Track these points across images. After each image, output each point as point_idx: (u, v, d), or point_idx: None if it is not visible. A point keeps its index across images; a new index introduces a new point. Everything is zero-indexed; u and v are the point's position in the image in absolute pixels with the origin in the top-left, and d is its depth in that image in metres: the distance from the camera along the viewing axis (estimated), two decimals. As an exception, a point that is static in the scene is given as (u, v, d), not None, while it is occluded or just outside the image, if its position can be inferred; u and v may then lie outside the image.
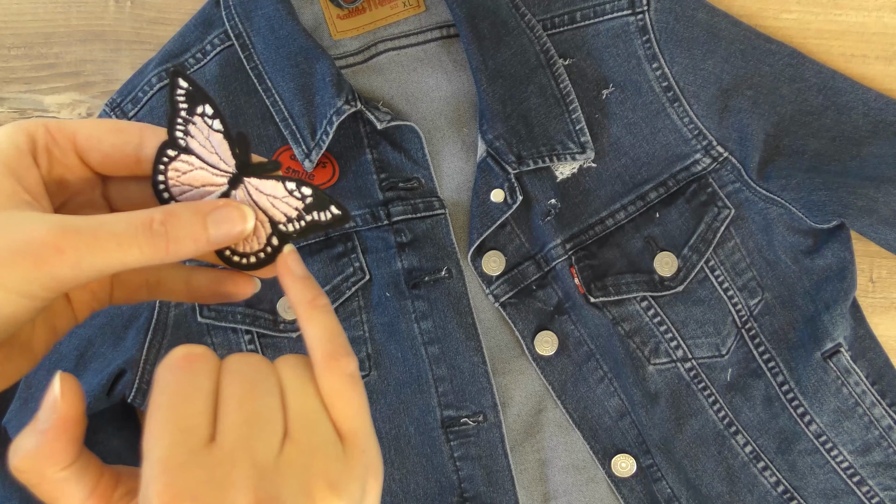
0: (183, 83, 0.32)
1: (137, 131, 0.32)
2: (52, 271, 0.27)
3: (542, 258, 0.62)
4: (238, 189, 0.33)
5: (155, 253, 0.29)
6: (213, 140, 0.33)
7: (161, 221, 0.29)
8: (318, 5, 0.62)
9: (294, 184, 0.33)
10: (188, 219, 0.30)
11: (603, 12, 0.61)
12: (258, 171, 0.33)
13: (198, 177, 0.33)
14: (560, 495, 0.62)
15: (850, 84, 0.62)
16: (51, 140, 0.31)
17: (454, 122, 0.63)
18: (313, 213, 0.33)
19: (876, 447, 0.60)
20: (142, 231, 0.28)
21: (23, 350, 0.32)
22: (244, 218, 0.31)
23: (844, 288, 0.60)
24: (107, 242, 0.28)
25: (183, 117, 0.33)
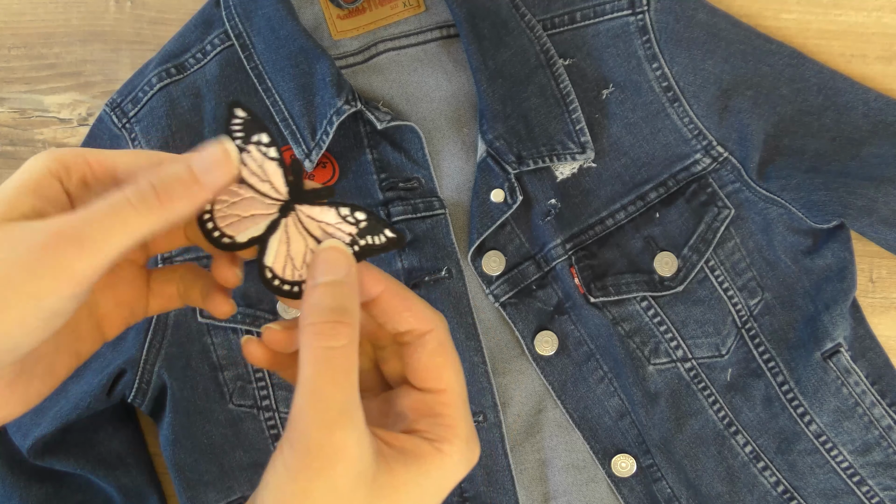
0: (241, 113, 0.32)
1: None
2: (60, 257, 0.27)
3: (542, 258, 0.62)
4: (289, 216, 0.33)
5: (151, 210, 0.28)
6: (267, 168, 0.33)
7: (147, 180, 0.29)
8: (318, 5, 0.62)
9: (347, 209, 0.33)
10: (173, 170, 0.29)
11: (603, 12, 0.61)
12: (311, 198, 0.33)
13: (247, 206, 0.33)
14: (560, 495, 0.62)
15: (850, 84, 0.62)
16: (88, 171, 0.31)
17: (454, 122, 0.63)
18: (367, 237, 0.33)
19: (876, 447, 0.60)
20: (132, 193, 0.28)
21: (45, 374, 0.32)
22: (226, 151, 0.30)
23: (844, 288, 0.60)
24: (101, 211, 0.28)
25: (237, 146, 0.32)
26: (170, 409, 0.60)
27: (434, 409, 0.31)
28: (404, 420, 0.32)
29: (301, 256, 0.33)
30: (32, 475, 0.61)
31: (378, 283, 0.33)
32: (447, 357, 0.31)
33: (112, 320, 0.35)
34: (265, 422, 0.61)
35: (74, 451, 0.61)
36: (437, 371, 0.31)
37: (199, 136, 0.61)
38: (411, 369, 0.32)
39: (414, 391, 0.32)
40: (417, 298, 0.33)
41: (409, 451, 0.30)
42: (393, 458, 0.29)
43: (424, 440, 0.30)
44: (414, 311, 0.32)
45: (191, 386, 0.61)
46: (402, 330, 0.32)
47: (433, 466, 0.30)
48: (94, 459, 0.61)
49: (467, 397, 0.33)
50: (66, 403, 0.59)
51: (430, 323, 0.32)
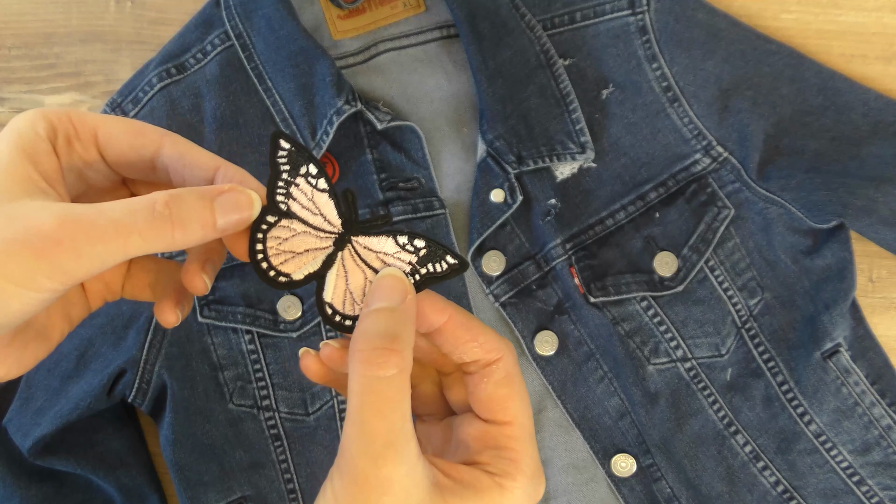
0: (285, 144, 0.31)
1: (158, 138, 0.31)
2: (54, 262, 0.26)
3: (542, 258, 0.62)
4: (345, 249, 0.32)
5: (158, 239, 0.27)
6: (318, 200, 0.32)
7: (165, 203, 0.27)
8: (318, 5, 0.62)
9: (406, 237, 0.32)
10: (194, 202, 0.28)
11: (603, 12, 0.61)
12: (367, 228, 0.32)
13: (301, 241, 0.32)
14: (560, 495, 0.62)
15: (850, 84, 0.62)
16: (72, 131, 0.30)
17: (454, 122, 0.63)
18: (428, 265, 0.32)
19: (875, 447, 0.60)
20: (143, 217, 0.27)
21: (39, 338, 0.32)
22: (251, 203, 0.29)
23: (844, 288, 0.60)
24: (105, 231, 0.26)
25: (285, 180, 0.31)
26: (170, 409, 0.60)
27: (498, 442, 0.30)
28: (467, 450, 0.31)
29: (360, 289, 0.32)
30: (32, 475, 0.61)
31: (442, 313, 0.31)
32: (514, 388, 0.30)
33: (93, 293, 0.34)
34: (265, 422, 0.61)
35: (74, 451, 0.61)
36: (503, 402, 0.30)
37: (199, 137, 0.61)
38: (476, 399, 0.31)
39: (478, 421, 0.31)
40: (484, 327, 0.32)
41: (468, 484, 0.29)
42: (450, 491, 0.28)
43: (486, 474, 0.29)
44: (480, 342, 0.31)
45: (191, 386, 0.61)
46: (468, 360, 0.31)
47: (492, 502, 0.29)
48: (94, 459, 0.61)
49: (534, 432, 0.31)
50: (67, 403, 0.59)
51: (498, 352, 0.31)
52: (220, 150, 0.61)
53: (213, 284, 0.60)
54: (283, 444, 0.61)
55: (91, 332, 0.60)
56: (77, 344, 0.60)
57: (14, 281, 0.26)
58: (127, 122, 0.31)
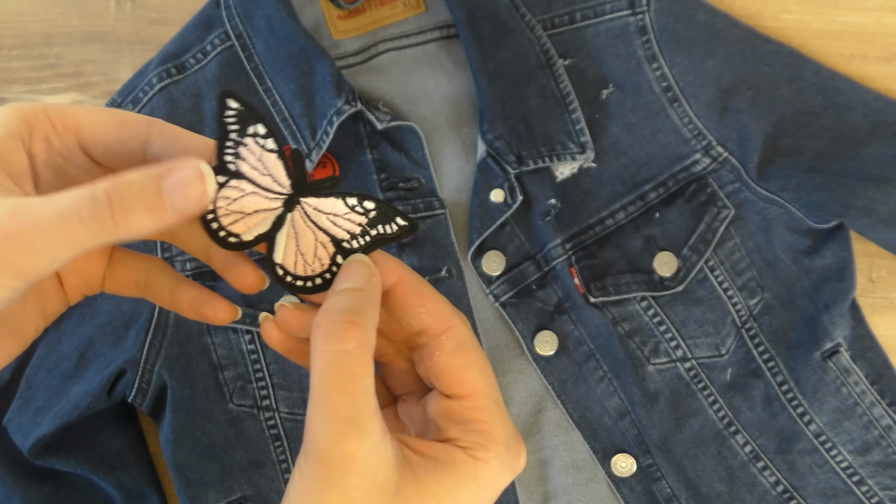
0: (233, 103, 0.31)
1: (144, 127, 0.30)
2: (4, 258, 0.25)
3: (542, 258, 0.62)
4: (295, 210, 0.32)
5: (102, 228, 0.25)
6: (266, 161, 0.31)
7: (104, 190, 0.25)
8: (318, 6, 0.62)
9: (355, 199, 0.32)
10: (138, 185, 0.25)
11: (603, 12, 0.61)
12: (316, 190, 0.32)
13: (250, 202, 0.31)
14: (560, 495, 0.62)
15: (850, 84, 0.62)
16: (49, 128, 0.29)
17: (454, 123, 0.63)
18: (378, 226, 0.32)
19: (875, 447, 0.60)
20: (84, 203, 0.25)
21: (12, 334, 0.31)
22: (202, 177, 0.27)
23: (844, 288, 0.60)
24: (51, 222, 0.25)
25: (233, 140, 0.31)
26: (170, 409, 0.60)
27: (463, 416, 0.29)
28: (437, 428, 0.30)
29: (311, 251, 0.32)
30: (32, 475, 0.61)
31: (393, 274, 0.31)
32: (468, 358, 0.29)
33: (70, 287, 0.33)
34: (265, 422, 0.61)
35: (75, 451, 0.61)
36: (458, 374, 0.29)
37: (199, 136, 0.61)
38: (432, 373, 0.30)
39: (441, 396, 0.30)
40: (435, 294, 0.31)
41: (441, 460, 0.28)
42: (422, 468, 0.28)
43: (459, 448, 0.29)
44: (429, 308, 0.30)
45: (191, 386, 0.61)
46: (417, 328, 0.30)
47: (467, 476, 0.28)
48: (94, 459, 0.61)
49: (500, 398, 0.30)
50: (67, 403, 0.59)
51: (447, 322, 0.30)
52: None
53: (213, 284, 0.61)
54: (283, 444, 0.61)
55: (91, 332, 0.61)
56: (77, 344, 0.60)
57: None
58: (110, 112, 0.30)
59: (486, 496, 0.29)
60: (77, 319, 0.61)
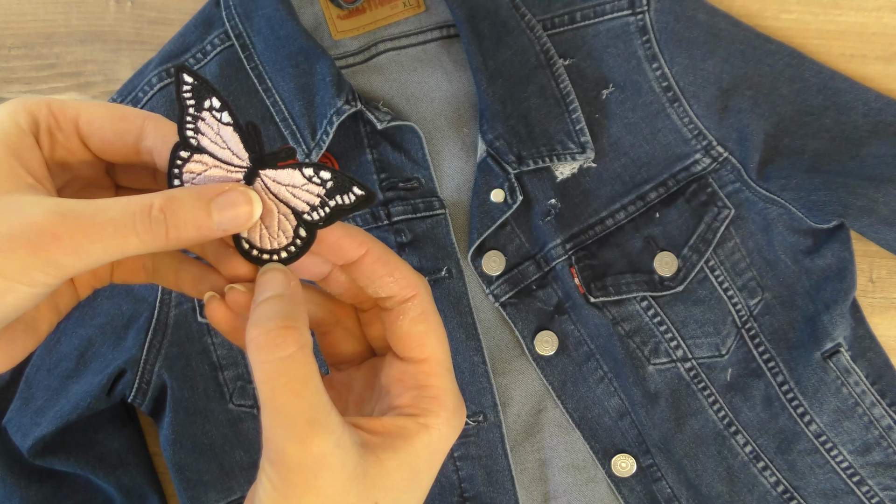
0: (188, 78, 0.31)
1: (140, 121, 0.31)
2: (51, 258, 0.26)
3: (542, 258, 0.62)
4: (255, 183, 0.32)
5: (154, 240, 0.27)
6: (224, 134, 0.31)
7: (160, 208, 0.27)
8: (318, 5, 0.62)
9: (311, 169, 0.32)
10: (190, 204, 0.28)
11: (603, 12, 0.61)
12: (273, 162, 0.32)
13: (213, 175, 0.31)
14: (560, 495, 0.62)
15: (850, 84, 0.62)
16: (53, 122, 0.30)
17: (454, 122, 0.63)
18: (336, 197, 0.31)
19: (876, 447, 0.60)
20: (139, 218, 0.27)
21: (27, 330, 0.32)
22: (250, 202, 0.29)
23: (844, 288, 0.60)
24: (104, 230, 0.26)
25: (192, 114, 0.31)
26: (170, 409, 0.60)
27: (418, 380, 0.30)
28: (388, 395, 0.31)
29: (274, 223, 0.32)
30: (32, 475, 0.61)
31: (360, 246, 0.31)
32: (430, 324, 0.30)
33: (80, 281, 0.34)
34: (265, 422, 0.61)
35: (75, 451, 0.61)
36: (419, 339, 0.30)
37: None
38: (394, 337, 0.31)
39: (398, 361, 0.31)
40: (401, 262, 0.31)
41: (395, 434, 0.29)
42: (380, 447, 0.28)
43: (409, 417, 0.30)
44: (396, 276, 0.31)
45: (191, 386, 0.61)
46: (384, 295, 0.31)
47: (421, 444, 0.29)
48: (94, 459, 0.61)
49: (451, 366, 0.31)
50: (67, 403, 0.59)
51: (413, 289, 0.31)
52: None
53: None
54: (283, 444, 0.61)
55: (91, 332, 0.61)
56: (77, 344, 0.60)
57: (8, 276, 0.26)
58: (108, 107, 0.31)
59: (437, 458, 0.30)
60: (77, 319, 0.61)
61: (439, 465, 0.30)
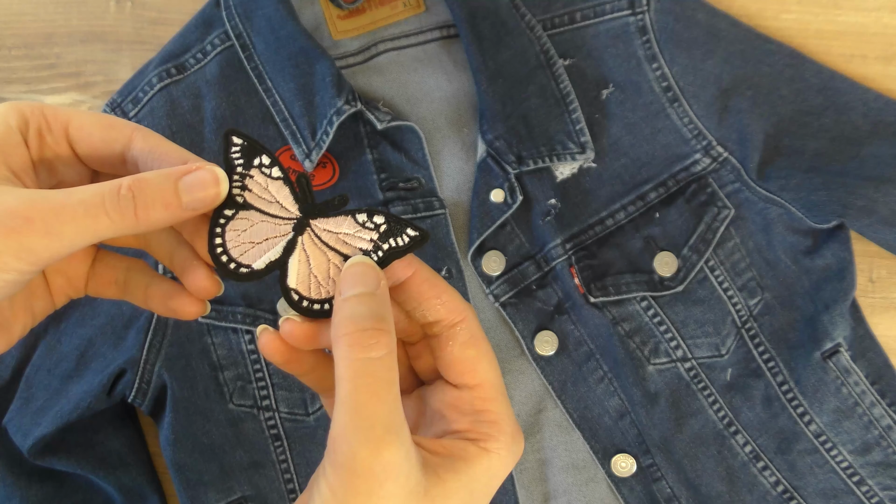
0: (237, 139, 0.31)
1: (129, 132, 0.31)
2: (24, 241, 0.26)
3: (542, 258, 0.62)
4: (305, 234, 0.32)
5: (124, 220, 0.28)
6: (273, 189, 0.31)
7: (128, 187, 0.28)
8: (318, 5, 0.62)
9: (364, 215, 0.32)
10: (158, 183, 0.28)
11: (603, 12, 0.61)
12: (325, 211, 0.32)
13: (259, 231, 0.32)
14: (560, 495, 0.62)
15: (850, 84, 0.62)
16: (44, 124, 0.30)
17: (454, 123, 0.63)
18: (389, 240, 0.31)
19: (875, 447, 0.60)
20: (109, 198, 0.27)
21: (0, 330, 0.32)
22: (217, 182, 0.29)
23: (844, 288, 0.60)
24: (75, 210, 0.27)
25: (239, 173, 0.31)
26: (170, 409, 0.60)
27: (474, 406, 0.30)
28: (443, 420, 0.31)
29: (325, 272, 0.32)
30: (32, 475, 0.61)
31: (409, 267, 0.31)
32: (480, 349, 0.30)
33: (55, 287, 0.34)
34: (265, 422, 0.61)
35: (75, 451, 0.61)
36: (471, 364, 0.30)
37: (199, 136, 0.61)
38: (444, 363, 0.31)
39: (450, 387, 0.31)
40: (448, 286, 0.31)
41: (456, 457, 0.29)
42: (441, 468, 0.28)
43: (469, 442, 0.29)
44: (444, 299, 0.30)
45: (191, 386, 0.61)
46: (431, 319, 0.31)
47: (481, 469, 0.29)
48: (94, 459, 0.61)
49: (506, 391, 0.31)
50: (67, 403, 0.59)
51: (461, 313, 0.30)
52: (220, 150, 0.61)
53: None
54: (283, 444, 0.61)
55: (91, 332, 0.61)
56: (77, 344, 0.60)
57: None
58: (98, 115, 0.31)
59: (495, 484, 0.30)
60: (77, 319, 0.61)
61: (495, 490, 0.30)
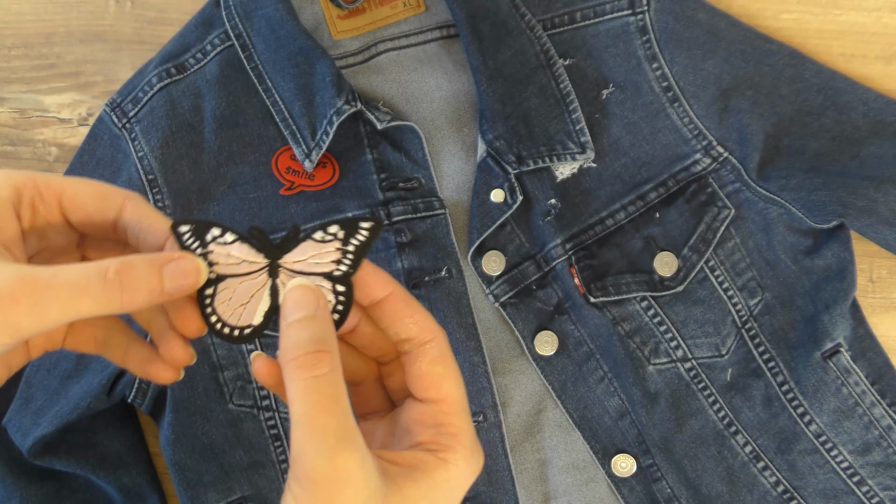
0: (183, 227, 0.33)
1: (121, 200, 0.32)
2: (10, 320, 0.28)
3: (542, 258, 0.62)
4: (280, 275, 0.33)
5: (109, 303, 0.29)
6: (235, 251, 0.33)
7: (116, 271, 0.29)
8: (318, 5, 0.62)
9: (320, 232, 0.33)
10: (144, 270, 0.30)
11: (603, 12, 0.61)
12: (286, 247, 0.33)
13: (242, 292, 0.33)
14: (560, 495, 0.62)
15: (850, 84, 0.62)
16: (37, 195, 0.31)
17: (454, 122, 0.63)
18: (351, 241, 0.33)
19: (876, 447, 0.60)
20: (95, 281, 0.28)
21: None
22: (197, 270, 0.31)
23: (844, 288, 0.60)
24: (60, 292, 0.28)
25: (201, 254, 0.33)
26: (170, 409, 0.60)
27: (437, 419, 0.32)
28: (409, 434, 0.32)
29: None
30: (32, 475, 0.61)
31: (386, 286, 0.33)
32: (447, 367, 0.32)
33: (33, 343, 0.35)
34: (265, 422, 0.61)
35: (75, 451, 0.61)
36: (437, 380, 0.32)
37: (199, 136, 0.61)
38: (412, 378, 0.32)
39: (417, 403, 0.33)
40: (421, 307, 0.33)
41: (415, 467, 0.30)
42: (401, 476, 0.30)
43: (429, 453, 0.31)
44: (416, 319, 0.32)
45: (191, 386, 0.61)
46: (404, 337, 0.33)
47: (441, 479, 0.30)
48: (94, 459, 0.61)
49: (468, 408, 0.33)
50: (67, 404, 0.59)
51: (432, 333, 0.32)
52: (219, 150, 0.61)
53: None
54: (283, 444, 0.61)
55: (91, 332, 0.60)
56: (77, 344, 0.60)
57: None
58: (92, 184, 0.32)
59: (456, 496, 0.31)
60: (77, 319, 0.61)
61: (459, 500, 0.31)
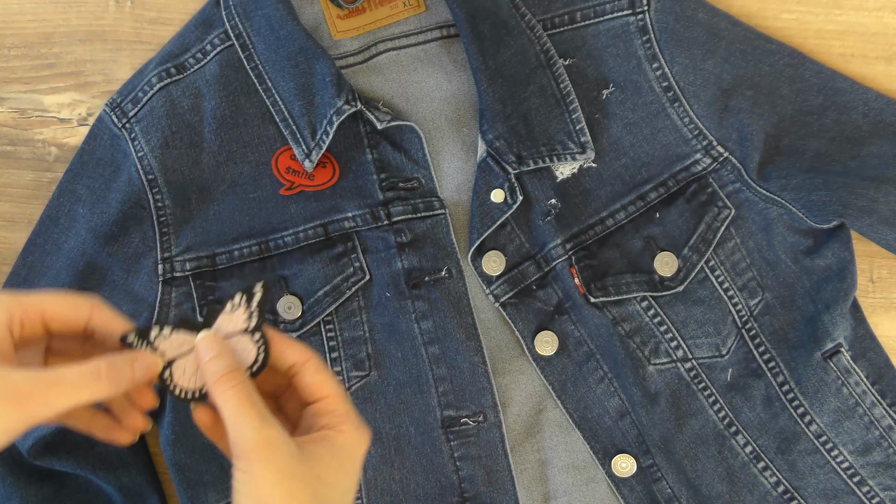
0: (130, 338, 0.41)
1: (88, 309, 0.42)
2: (27, 411, 0.37)
3: (542, 258, 0.62)
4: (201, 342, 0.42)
5: (101, 392, 0.39)
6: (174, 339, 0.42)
7: (105, 370, 0.39)
8: (318, 5, 0.62)
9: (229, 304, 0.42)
10: (123, 367, 0.40)
11: (603, 12, 0.61)
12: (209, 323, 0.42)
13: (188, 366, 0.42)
14: (560, 495, 0.62)
15: (850, 84, 0.62)
16: (25, 315, 0.40)
17: (454, 122, 0.63)
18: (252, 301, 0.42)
19: (876, 447, 0.60)
20: (91, 378, 0.39)
21: None
22: (155, 363, 0.41)
23: (844, 288, 0.60)
24: (65, 388, 0.38)
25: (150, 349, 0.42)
26: (170, 409, 0.60)
27: (328, 409, 0.42)
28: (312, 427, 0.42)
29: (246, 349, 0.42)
30: (32, 475, 0.61)
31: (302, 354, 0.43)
32: (325, 374, 0.43)
33: None
34: (265, 422, 0.61)
35: (75, 451, 0.61)
36: (320, 385, 0.43)
37: (199, 136, 0.61)
38: (303, 388, 0.43)
39: (311, 406, 0.43)
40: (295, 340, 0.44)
41: (320, 439, 0.41)
42: (309, 447, 0.40)
43: (327, 429, 0.41)
44: (294, 349, 0.43)
45: (191, 386, 0.61)
46: (290, 363, 0.43)
47: (339, 443, 0.41)
48: (94, 459, 0.61)
49: (348, 398, 0.43)
50: (66, 403, 0.59)
51: (307, 354, 0.43)
52: (219, 150, 0.61)
53: (213, 284, 0.61)
54: (282, 445, 0.61)
55: (91, 333, 0.60)
56: (77, 344, 0.60)
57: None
58: (65, 299, 0.42)
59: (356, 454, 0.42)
60: (77, 319, 0.61)
61: (359, 461, 0.42)
